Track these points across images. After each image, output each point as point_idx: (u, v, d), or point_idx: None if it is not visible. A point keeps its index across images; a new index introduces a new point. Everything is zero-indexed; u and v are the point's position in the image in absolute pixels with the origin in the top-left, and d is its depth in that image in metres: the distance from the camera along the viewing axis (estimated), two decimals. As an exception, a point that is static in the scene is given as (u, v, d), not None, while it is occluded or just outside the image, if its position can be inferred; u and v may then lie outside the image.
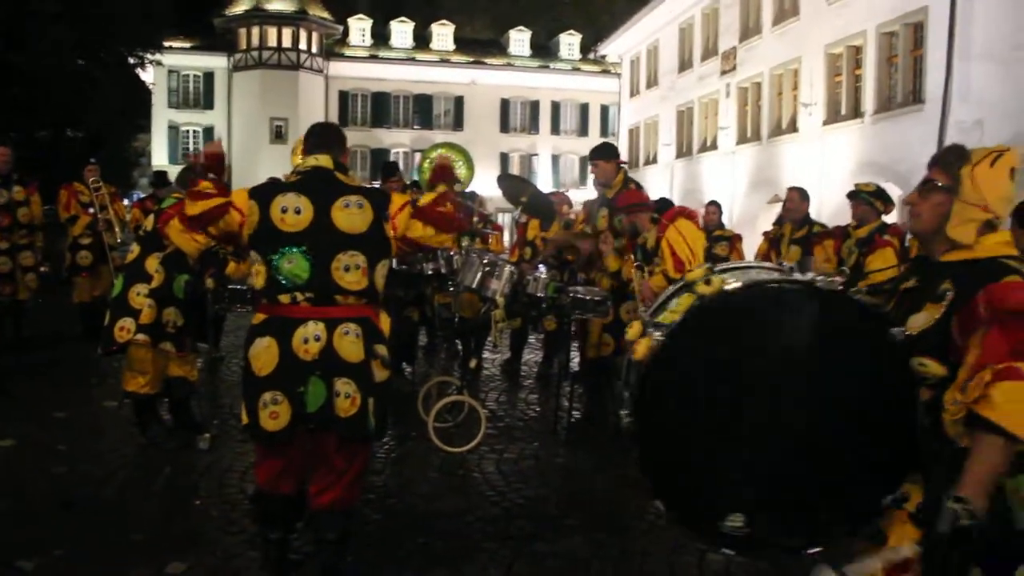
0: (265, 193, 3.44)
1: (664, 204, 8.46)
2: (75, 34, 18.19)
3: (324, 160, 3.54)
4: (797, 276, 2.57)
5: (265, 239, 3.38)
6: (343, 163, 3.62)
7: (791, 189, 8.32)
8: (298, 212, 3.36)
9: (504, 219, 25.89)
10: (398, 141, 41.79)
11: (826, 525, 2.53)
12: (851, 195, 6.93)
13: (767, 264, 2.88)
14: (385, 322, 3.57)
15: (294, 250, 3.34)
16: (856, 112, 20.85)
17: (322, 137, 3.67)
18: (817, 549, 2.53)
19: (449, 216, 3.63)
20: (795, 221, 8.05)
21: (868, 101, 20.30)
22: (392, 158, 37.45)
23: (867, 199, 6.76)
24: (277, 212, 3.37)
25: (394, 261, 6.84)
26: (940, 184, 2.43)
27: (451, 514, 4.66)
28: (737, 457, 2.53)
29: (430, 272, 7.02)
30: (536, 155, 43.85)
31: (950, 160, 2.44)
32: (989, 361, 2.13)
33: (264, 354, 3.35)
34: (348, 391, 3.35)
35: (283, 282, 3.36)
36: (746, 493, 2.48)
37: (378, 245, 3.46)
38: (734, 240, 9.72)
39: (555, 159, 43.77)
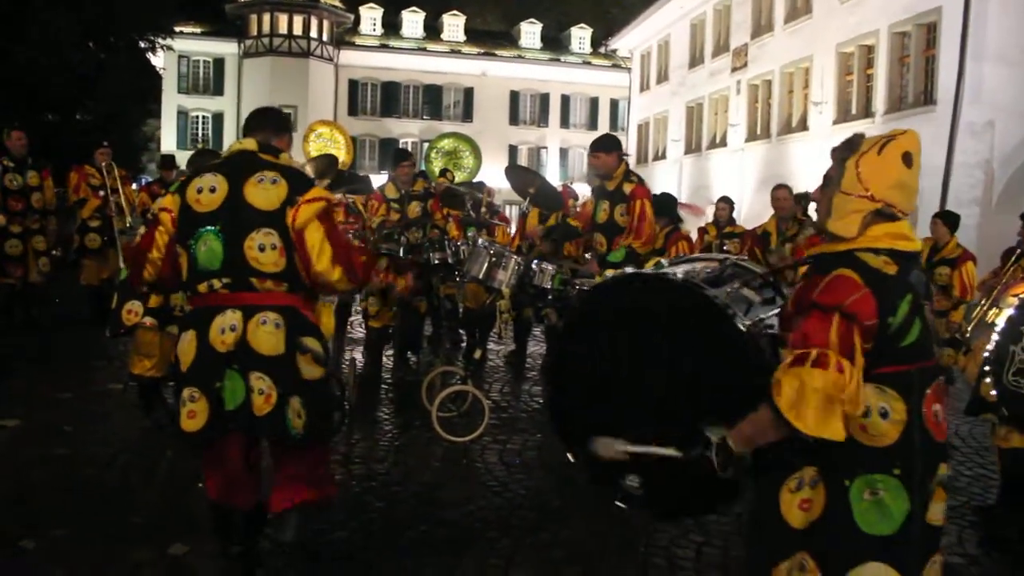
0: (186, 180, 3.27)
1: (668, 199, 8.44)
2: (81, 18, 18.13)
3: (248, 143, 3.31)
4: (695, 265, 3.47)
5: (184, 225, 3.18)
6: (275, 145, 3.36)
7: (777, 187, 8.25)
8: (213, 191, 3.15)
9: (512, 211, 25.88)
10: (407, 131, 41.75)
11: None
12: None
13: (710, 255, 3.52)
14: (327, 314, 3.35)
15: (209, 231, 3.11)
16: (867, 112, 20.76)
17: (254, 120, 3.46)
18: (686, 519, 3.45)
19: (356, 262, 3.26)
20: (785, 219, 8.01)
21: (879, 101, 20.21)
22: (405, 148, 37.40)
23: None
24: (193, 194, 3.17)
25: (402, 250, 6.96)
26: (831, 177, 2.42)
27: (453, 503, 4.67)
28: (621, 420, 3.02)
29: (436, 262, 7.03)
30: (545, 148, 43.80)
31: (840, 152, 2.40)
32: (795, 347, 2.22)
33: (187, 348, 3.15)
34: (262, 387, 3.07)
35: (200, 268, 3.14)
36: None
37: (288, 226, 3.16)
38: (745, 237, 9.53)
39: (564, 152, 43.70)
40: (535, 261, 6.00)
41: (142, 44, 23.78)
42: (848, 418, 2.17)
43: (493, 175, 11.94)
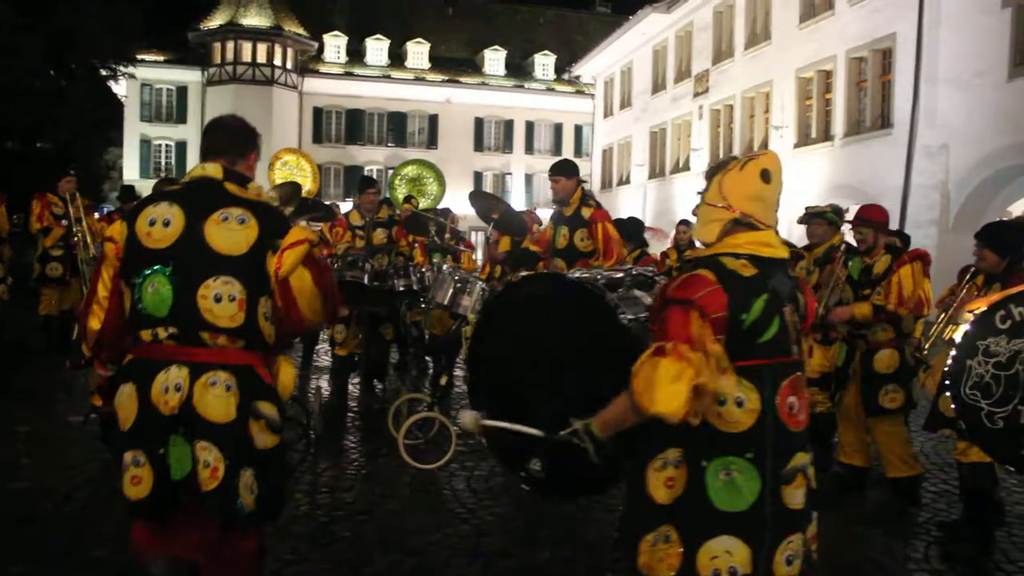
0: (137, 208, 2.83)
1: (635, 224, 8.52)
2: (40, 44, 17.97)
3: (212, 169, 2.86)
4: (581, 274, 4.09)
5: (130, 261, 2.76)
6: (241, 172, 2.93)
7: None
8: (167, 224, 2.72)
9: (477, 237, 25.90)
10: (372, 158, 41.74)
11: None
12: (808, 217, 6.97)
13: (623, 267, 4.10)
14: (287, 373, 2.89)
15: (157, 271, 2.70)
16: (826, 135, 21.14)
17: (216, 139, 2.99)
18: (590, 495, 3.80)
19: (337, 296, 3.02)
20: None
21: (838, 124, 20.60)
22: (370, 175, 37.40)
23: (833, 219, 6.83)
24: (144, 226, 2.74)
25: (366, 277, 6.94)
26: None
27: (421, 531, 4.63)
28: (532, 409, 3.28)
29: (402, 289, 7.02)
30: (510, 174, 43.99)
31: (711, 171, 2.65)
32: (657, 337, 2.41)
33: (127, 403, 2.72)
34: (208, 459, 2.65)
35: (145, 313, 2.71)
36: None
37: (259, 275, 2.74)
38: None
39: (528, 178, 43.91)
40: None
41: (103, 71, 23.62)
42: (700, 403, 2.35)
43: (458, 201, 11.95)
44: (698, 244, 2.79)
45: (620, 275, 4.13)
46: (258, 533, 2.91)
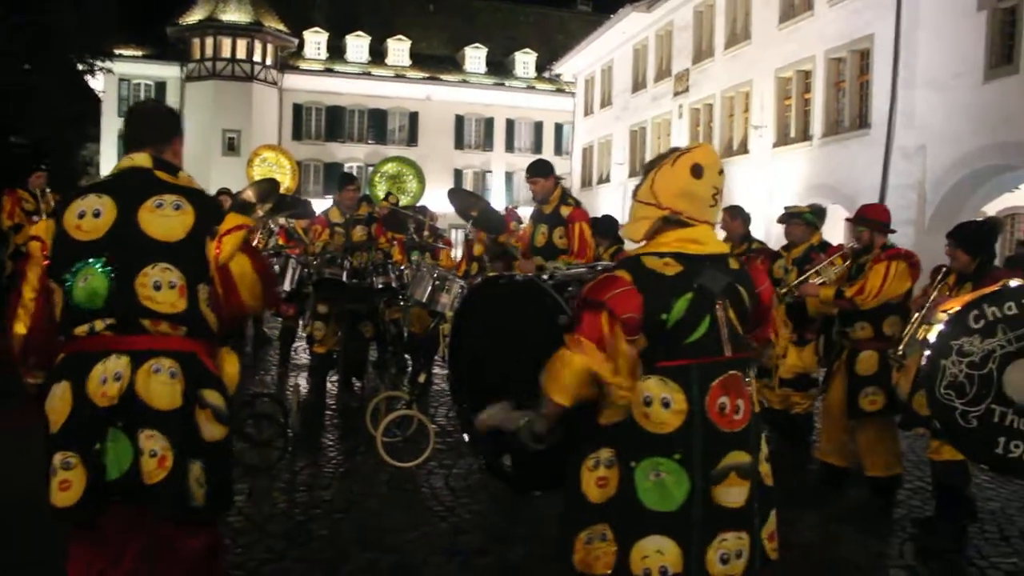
0: (62, 203, 2.76)
1: (609, 220, 8.53)
2: (13, 37, 17.75)
3: (140, 158, 2.80)
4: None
5: (59, 256, 2.66)
6: (169, 161, 2.86)
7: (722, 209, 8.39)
8: (97, 215, 2.65)
9: (456, 235, 25.88)
10: (352, 155, 41.58)
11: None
12: (786, 217, 7.04)
13: (594, 264, 4.31)
14: (231, 365, 2.83)
15: (91, 263, 2.61)
16: (805, 135, 21.26)
17: (138, 129, 2.90)
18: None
19: (271, 278, 3.03)
20: (731, 240, 8.16)
21: (817, 124, 20.72)
22: (350, 172, 37.21)
23: (811, 220, 6.89)
24: (72, 219, 2.66)
25: (345, 275, 6.91)
26: None
27: (398, 529, 4.62)
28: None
29: (380, 286, 7.00)
30: (490, 172, 43.96)
31: (647, 165, 2.65)
32: (572, 334, 2.46)
33: (58, 405, 2.57)
34: (154, 448, 2.53)
35: (78, 308, 2.61)
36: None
37: (197, 261, 2.69)
38: None
39: (509, 176, 43.89)
40: None
41: (80, 66, 23.38)
42: (614, 399, 2.41)
43: (438, 199, 11.95)
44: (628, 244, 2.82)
45: (583, 270, 4.26)
46: (208, 530, 2.79)
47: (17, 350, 2.76)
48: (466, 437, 3.83)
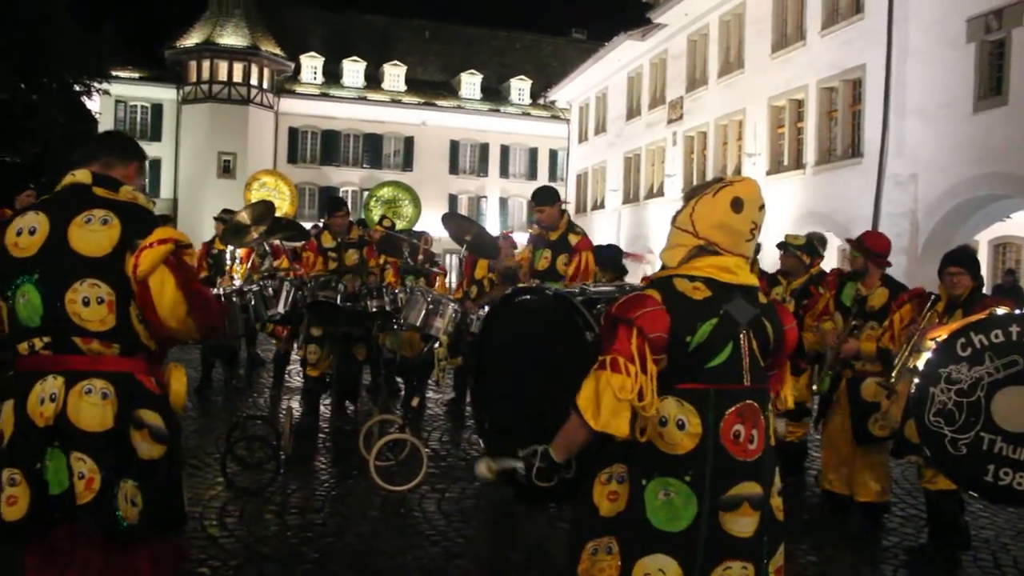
0: (7, 221, 2.77)
1: (614, 251, 8.54)
2: (12, 57, 17.81)
3: (81, 174, 2.78)
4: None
5: (2, 274, 2.70)
6: (114, 177, 2.83)
7: None
8: (32, 232, 2.66)
9: (451, 260, 25.92)
10: (347, 180, 41.72)
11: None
12: (780, 246, 7.11)
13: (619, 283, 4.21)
14: (179, 381, 2.80)
15: (26, 281, 2.63)
16: (798, 163, 21.42)
17: (94, 147, 2.93)
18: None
19: (215, 311, 2.90)
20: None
21: (810, 153, 20.89)
22: (340, 196, 37.34)
23: (794, 253, 6.95)
24: (12, 236, 2.68)
25: (339, 298, 6.91)
26: None
27: (390, 553, 4.61)
28: (524, 415, 3.33)
29: (374, 310, 7.00)
30: (485, 197, 44.11)
31: (691, 192, 2.65)
32: (602, 353, 2.44)
33: (7, 421, 2.63)
34: (83, 470, 2.55)
35: (20, 325, 2.65)
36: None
37: (124, 275, 2.65)
38: None
39: (503, 202, 44.07)
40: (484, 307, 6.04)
41: (77, 87, 23.46)
42: (641, 420, 2.40)
43: (433, 224, 12.02)
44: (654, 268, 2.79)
45: (612, 288, 4.13)
46: (149, 548, 2.75)
47: None
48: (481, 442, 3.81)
